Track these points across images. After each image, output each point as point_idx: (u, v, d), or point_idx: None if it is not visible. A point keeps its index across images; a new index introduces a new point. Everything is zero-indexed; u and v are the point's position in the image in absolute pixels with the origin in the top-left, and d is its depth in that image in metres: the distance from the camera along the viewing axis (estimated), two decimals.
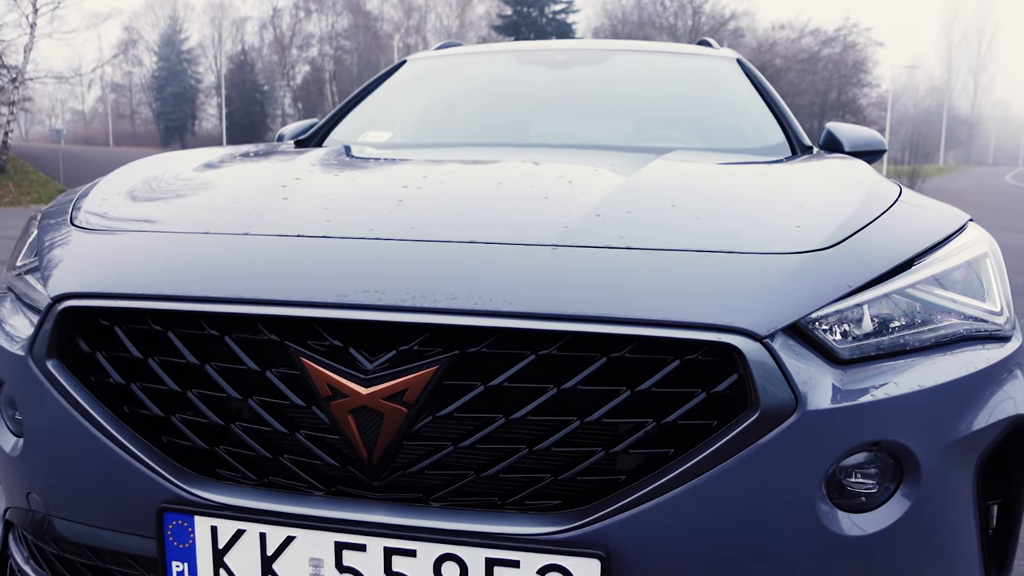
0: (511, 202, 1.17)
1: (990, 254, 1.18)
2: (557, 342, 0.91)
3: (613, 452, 0.90)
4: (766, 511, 0.88)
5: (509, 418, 0.91)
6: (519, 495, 0.93)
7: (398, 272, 0.95)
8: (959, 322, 1.06)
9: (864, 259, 1.01)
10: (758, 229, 1.06)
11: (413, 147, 2.10)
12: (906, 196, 1.28)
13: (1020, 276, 8.17)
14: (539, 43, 3.05)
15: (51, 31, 51.95)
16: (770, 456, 0.86)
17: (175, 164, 1.58)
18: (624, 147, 2.04)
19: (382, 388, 0.89)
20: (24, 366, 1.02)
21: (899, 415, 0.91)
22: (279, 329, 0.94)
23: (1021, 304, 7.60)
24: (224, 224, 1.09)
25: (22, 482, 1.09)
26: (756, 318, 0.89)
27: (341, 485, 0.96)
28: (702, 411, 0.90)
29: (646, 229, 1.04)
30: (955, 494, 0.97)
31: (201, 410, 0.97)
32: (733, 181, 1.41)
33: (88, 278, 1.03)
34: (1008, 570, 1.11)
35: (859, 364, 0.95)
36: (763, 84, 2.45)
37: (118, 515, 1.01)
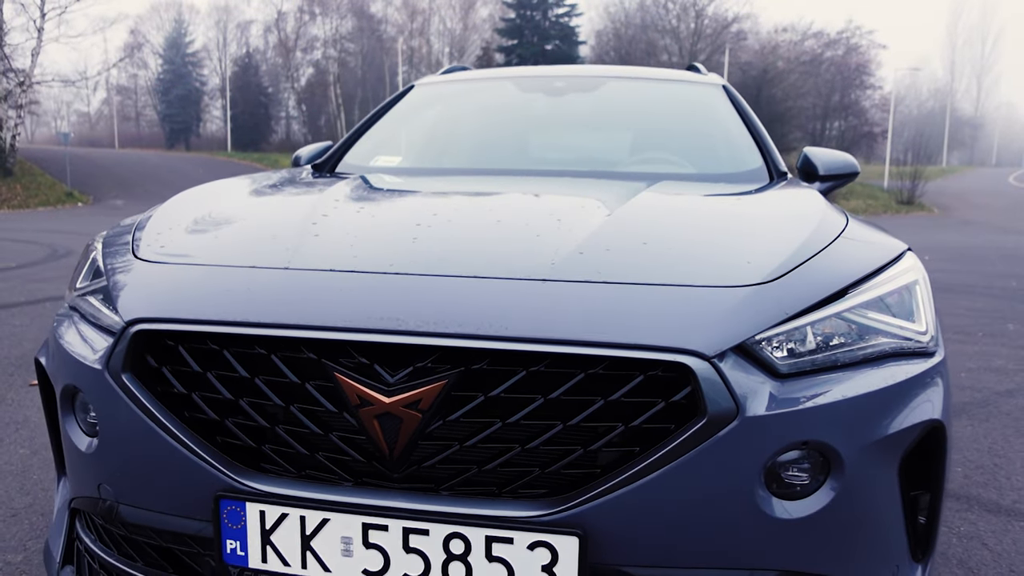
0: (508, 239, 1.34)
1: (920, 281, 1.37)
2: (544, 361, 1.08)
3: (590, 450, 1.08)
4: (713, 497, 1.05)
5: (505, 422, 1.08)
6: (513, 485, 1.10)
7: (414, 303, 1.12)
8: (888, 340, 1.24)
9: (802, 290, 1.18)
10: (715, 264, 1.23)
11: (422, 175, 2.28)
12: (850, 229, 1.46)
13: (1012, 279, 8.26)
14: (538, 69, 3.21)
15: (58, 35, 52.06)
16: (716, 453, 1.04)
17: (217, 197, 1.77)
18: (617, 174, 2.22)
19: (402, 398, 1.07)
20: (101, 378, 1.20)
21: (826, 420, 1.09)
22: (316, 349, 1.12)
23: (1022, 308, 7.64)
24: (267, 259, 1.27)
25: (94, 475, 1.28)
26: (706, 341, 1.07)
27: (367, 477, 1.13)
28: (662, 416, 1.07)
29: (620, 266, 1.22)
30: (879, 485, 1.15)
31: (250, 415, 1.16)
32: (703, 216, 1.57)
33: (156, 305, 1.21)
34: (930, 551, 1.29)
35: (796, 377, 1.13)
36: (746, 110, 2.63)
37: (179, 502, 1.19)
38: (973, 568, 2.11)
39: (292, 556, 1.12)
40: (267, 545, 1.12)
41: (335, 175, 2.28)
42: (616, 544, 1.06)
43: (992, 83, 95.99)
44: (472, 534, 1.07)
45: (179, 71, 61.18)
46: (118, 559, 1.30)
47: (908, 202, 35.04)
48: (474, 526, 1.07)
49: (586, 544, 1.05)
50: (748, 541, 1.08)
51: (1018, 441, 3.18)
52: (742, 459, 1.05)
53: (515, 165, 2.37)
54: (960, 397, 3.84)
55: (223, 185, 1.91)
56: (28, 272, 8.03)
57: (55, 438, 1.50)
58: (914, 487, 1.21)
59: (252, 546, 1.13)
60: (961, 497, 2.60)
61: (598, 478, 1.07)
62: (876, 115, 46.95)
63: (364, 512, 1.10)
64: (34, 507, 2.39)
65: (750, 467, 1.06)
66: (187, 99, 60.81)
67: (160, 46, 63.82)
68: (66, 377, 1.31)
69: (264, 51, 63.21)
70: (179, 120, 60.34)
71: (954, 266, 11.06)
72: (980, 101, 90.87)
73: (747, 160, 2.32)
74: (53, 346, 1.40)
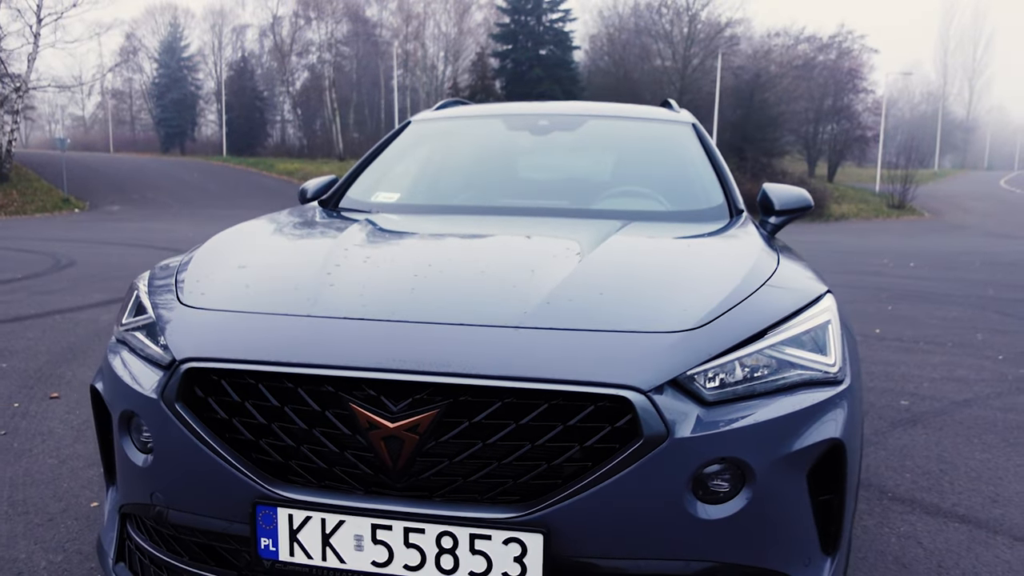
0: (489, 290, 1.61)
1: (833, 320, 1.63)
2: (515, 394, 1.34)
3: (552, 465, 1.34)
4: (650, 502, 1.31)
5: (485, 443, 1.34)
6: (491, 493, 1.36)
7: (412, 347, 1.38)
8: (801, 372, 1.51)
9: (727, 333, 1.45)
10: (657, 312, 1.50)
11: (418, 213, 2.55)
12: (777, 276, 1.72)
13: (990, 287, 8.44)
14: (525, 106, 3.47)
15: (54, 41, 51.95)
16: (651, 467, 1.30)
17: (244, 244, 2.04)
18: (595, 212, 2.50)
19: (403, 423, 1.34)
20: (157, 406, 1.46)
21: (742, 440, 1.35)
22: (334, 384, 1.37)
23: (1015, 310, 7.95)
24: (292, 307, 1.53)
25: (147, 485, 1.54)
26: (643, 378, 1.33)
27: (375, 486, 1.39)
28: (609, 438, 1.33)
29: (579, 314, 1.48)
30: (789, 492, 1.42)
31: (280, 436, 1.42)
32: (657, 266, 1.84)
33: (203, 347, 1.46)
34: (838, 545, 1.56)
35: (720, 405, 1.39)
36: (711, 148, 2.90)
37: (220, 507, 1.44)
38: (906, 564, 2.38)
39: (314, 550, 1.38)
40: (294, 542, 1.39)
41: (340, 213, 2.55)
42: (573, 540, 1.33)
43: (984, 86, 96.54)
44: (459, 532, 1.33)
45: (174, 75, 61.18)
46: (166, 554, 1.56)
47: (899, 206, 35.33)
48: (460, 526, 1.33)
49: (549, 539, 1.32)
50: (680, 537, 1.34)
51: (966, 449, 3.45)
52: (672, 472, 1.31)
53: (503, 203, 2.64)
54: (920, 407, 4.11)
55: (248, 230, 2.19)
56: (34, 284, 8.24)
57: (107, 453, 1.76)
58: (822, 492, 1.48)
59: (282, 543, 1.39)
60: (905, 500, 2.87)
61: (559, 487, 1.33)
62: (869, 119, 47.23)
63: (373, 515, 1.36)
64: (68, 512, 2.64)
65: (679, 478, 1.32)
66: (182, 103, 60.81)
67: (155, 50, 63.84)
68: (124, 404, 1.56)
69: (259, 55, 63.29)
70: (174, 124, 60.32)
71: (936, 273, 11.34)
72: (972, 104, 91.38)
73: (711, 197, 2.60)
74: (108, 376, 1.66)
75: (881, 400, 4.21)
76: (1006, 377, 4.82)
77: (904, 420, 3.86)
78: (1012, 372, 4.96)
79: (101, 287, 8.01)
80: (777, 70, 43.52)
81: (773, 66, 43.85)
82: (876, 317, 7.14)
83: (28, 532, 2.47)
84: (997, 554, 2.45)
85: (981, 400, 4.27)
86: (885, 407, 4.08)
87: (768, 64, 43.57)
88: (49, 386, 4.21)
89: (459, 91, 38.84)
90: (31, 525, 2.53)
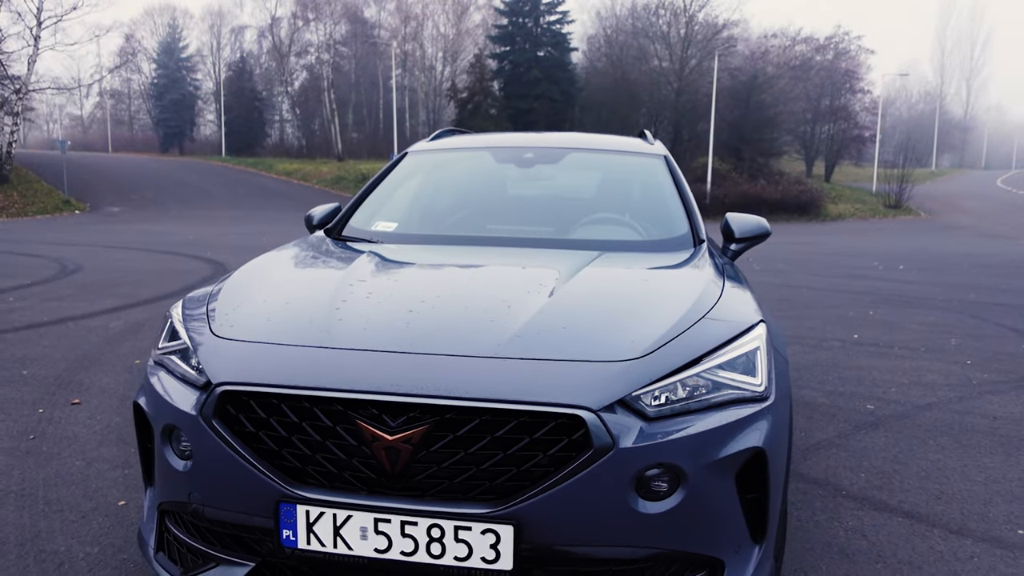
0: (471, 325, 1.89)
1: (761, 347, 1.92)
2: (490, 413, 1.62)
3: (520, 470, 1.62)
4: (600, 499, 1.59)
5: (466, 452, 1.62)
6: (472, 492, 1.64)
7: (406, 374, 1.67)
8: (731, 391, 1.79)
9: (667, 360, 1.73)
10: (609, 343, 1.77)
11: (413, 243, 2.84)
12: (716, 309, 2.01)
13: (973, 291, 8.68)
14: (512, 138, 3.76)
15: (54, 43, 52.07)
16: (600, 471, 1.58)
17: (265, 277, 2.33)
18: (572, 242, 2.78)
19: (399, 436, 1.62)
20: (196, 421, 1.74)
21: (676, 449, 1.63)
22: (343, 404, 1.65)
23: (992, 315, 8.27)
24: (308, 339, 1.82)
25: (184, 486, 1.82)
26: (594, 400, 1.61)
27: (377, 487, 1.66)
28: (567, 448, 1.61)
29: (544, 345, 1.76)
30: (719, 491, 1.70)
31: (298, 447, 1.70)
32: (617, 298, 2.11)
33: (235, 373, 1.74)
34: (766, 535, 1.84)
35: (660, 420, 1.67)
36: (679, 179, 3.20)
37: (248, 505, 1.71)
38: (849, 555, 2.66)
39: (327, 540, 1.67)
40: (311, 533, 1.67)
41: (344, 242, 2.85)
42: (538, 530, 1.61)
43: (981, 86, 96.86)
44: (445, 524, 1.62)
45: (173, 75, 61.31)
46: (201, 544, 1.85)
47: (895, 206, 35.53)
48: (446, 519, 1.62)
49: (519, 530, 1.60)
50: (626, 528, 1.63)
51: (921, 451, 3.74)
52: (618, 475, 1.60)
53: (491, 232, 2.92)
54: (884, 411, 4.40)
55: (267, 265, 2.50)
56: (43, 290, 8.52)
57: (146, 460, 2.05)
58: (749, 491, 1.77)
59: (300, 534, 1.68)
60: (857, 498, 3.15)
61: (526, 488, 1.62)
62: (866, 118, 47.41)
63: (375, 511, 1.64)
64: (98, 510, 2.92)
65: (623, 480, 1.61)
66: (181, 103, 60.94)
67: (154, 51, 64.01)
68: (166, 419, 1.85)
69: (258, 55, 63.44)
70: (173, 124, 60.47)
71: (923, 276, 11.57)
72: (970, 104, 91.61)
73: (677, 227, 2.89)
74: (150, 394, 1.94)
75: (849, 404, 4.50)
76: (971, 381, 5.10)
77: (867, 423, 4.15)
78: (977, 376, 5.24)
79: (109, 293, 8.29)
80: (774, 71, 43.75)
81: (770, 67, 44.09)
82: (856, 322, 7.40)
83: (64, 528, 2.76)
84: (932, 545, 2.74)
85: (943, 404, 4.55)
86: (851, 411, 4.37)
87: (765, 65, 43.80)
88: (70, 392, 4.49)
89: (457, 92, 39.08)
90: (67, 521, 2.81)
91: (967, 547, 2.73)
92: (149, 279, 9.55)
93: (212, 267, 11.04)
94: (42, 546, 2.62)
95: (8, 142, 30.59)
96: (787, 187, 33.03)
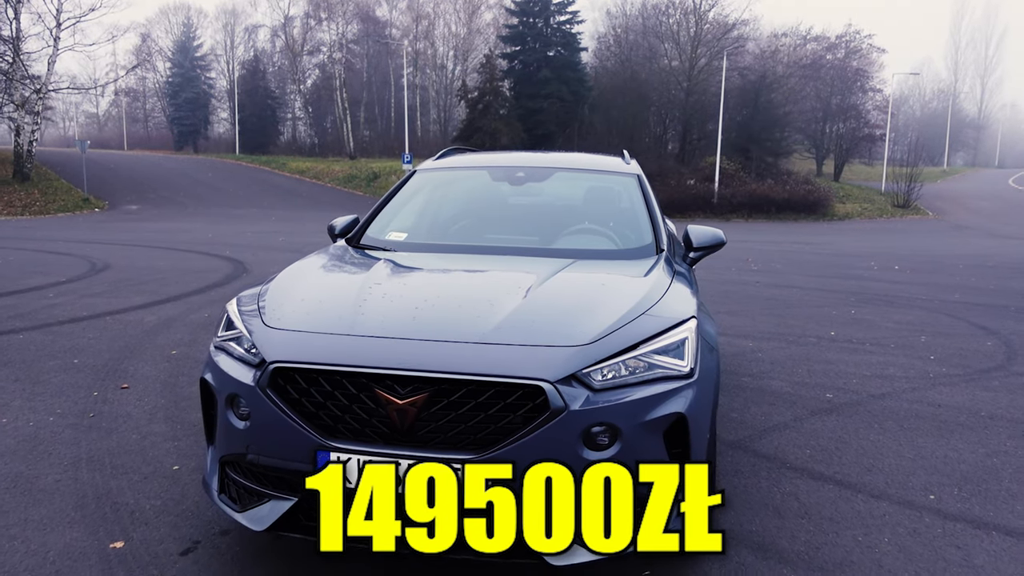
0: (463, 318, 2.41)
1: (689, 337, 2.45)
2: (474, 384, 2.14)
3: (496, 427, 2.14)
4: (556, 448, 2.10)
5: (456, 413, 2.15)
6: (461, 442, 2.15)
7: (413, 354, 2.20)
8: (663, 370, 2.32)
9: (611, 345, 2.25)
10: (568, 332, 2.29)
11: (420, 251, 3.39)
12: (657, 306, 2.53)
13: (959, 291, 9.07)
14: (507, 158, 4.34)
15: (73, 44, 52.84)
16: (555, 428, 2.10)
17: (302, 278, 2.88)
18: (553, 251, 3.31)
19: (407, 401, 2.16)
20: (254, 390, 2.28)
21: (614, 412, 2.15)
22: (366, 377, 2.18)
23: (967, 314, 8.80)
24: (339, 328, 2.36)
25: (243, 441, 2.36)
26: (551, 374, 2.13)
27: (389, 439, 2.18)
28: (531, 410, 2.13)
29: (518, 333, 2.28)
30: (650, 445, 2.23)
31: (331, 409, 2.24)
32: (579, 297, 2.62)
33: (283, 354, 2.28)
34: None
35: (604, 391, 2.19)
36: (649, 197, 3.74)
37: (293, 454, 2.24)
38: (781, 513, 3.19)
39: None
40: None
41: (363, 251, 3.41)
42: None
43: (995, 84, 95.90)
44: (446, 466, 2.17)
45: (187, 74, 62.03)
46: (254, 483, 2.41)
47: (904, 205, 35.58)
48: (445, 463, 2.15)
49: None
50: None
51: (864, 432, 4.25)
52: (569, 431, 2.12)
53: (486, 241, 3.48)
54: (841, 399, 4.90)
55: (303, 270, 3.06)
56: (78, 287, 9.13)
57: (209, 424, 2.60)
58: (674, 447, 2.31)
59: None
60: (799, 469, 3.68)
61: (501, 440, 2.15)
62: (877, 117, 47.35)
63: (388, 456, 2.19)
64: (156, 473, 3.49)
65: (573, 435, 2.13)
66: (195, 102, 61.66)
67: (169, 49, 64.89)
68: (229, 389, 2.40)
69: (271, 54, 64.15)
70: (187, 123, 61.21)
71: (916, 277, 11.93)
72: (983, 102, 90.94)
73: (643, 238, 3.44)
74: (215, 371, 2.49)
75: (810, 393, 5.01)
76: (928, 375, 5.59)
77: (823, 410, 4.66)
78: (935, 371, 5.72)
79: (138, 290, 8.89)
80: (784, 70, 43.90)
81: (780, 66, 44.25)
82: (837, 320, 7.87)
83: (131, 486, 3.33)
84: (853, 507, 3.26)
85: (896, 394, 5.05)
86: (811, 399, 4.88)
87: (775, 65, 43.96)
88: (118, 378, 5.07)
89: (468, 92, 39.51)
90: (132, 481, 3.38)
91: (883, 508, 3.25)
92: (174, 277, 10.14)
93: (232, 265, 11.62)
94: (115, 499, 3.19)
95: (29, 141, 31.37)
96: (795, 187, 33.24)
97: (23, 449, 3.74)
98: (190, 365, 5.42)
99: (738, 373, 5.50)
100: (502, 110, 38.25)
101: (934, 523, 3.10)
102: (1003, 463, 3.80)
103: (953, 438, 4.16)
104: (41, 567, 2.63)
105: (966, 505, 3.28)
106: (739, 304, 8.82)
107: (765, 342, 6.64)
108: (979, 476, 3.61)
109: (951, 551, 2.87)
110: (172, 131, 63.50)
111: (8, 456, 3.64)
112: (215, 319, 7.22)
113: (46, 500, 3.16)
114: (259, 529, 2.32)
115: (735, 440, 4.04)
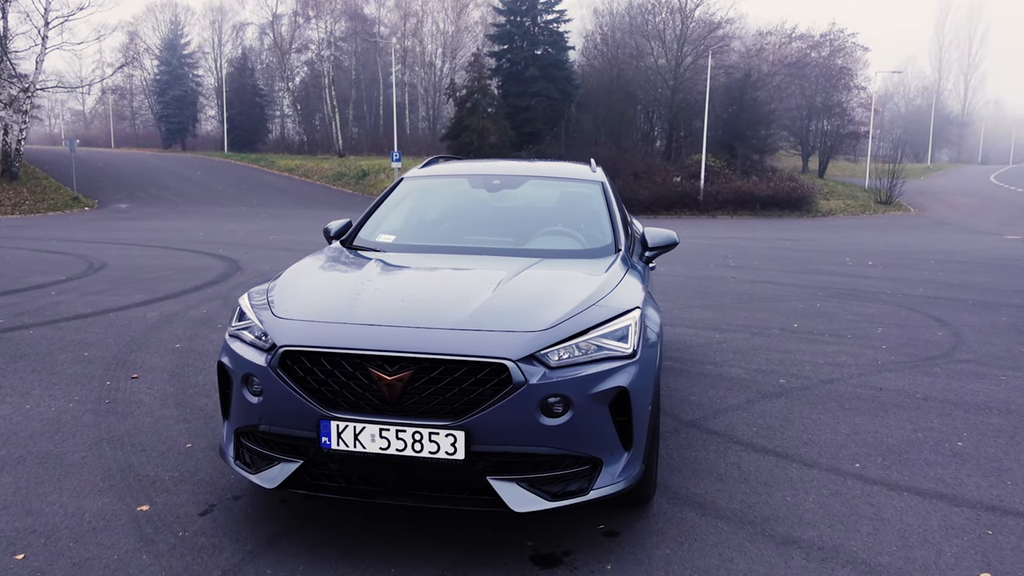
0: (441, 308, 2.82)
1: (633, 324, 2.89)
2: (450, 363, 2.57)
3: (468, 399, 2.56)
4: (518, 416, 2.52)
5: (435, 387, 2.58)
6: (439, 412, 2.56)
7: (399, 338, 2.62)
8: (609, 351, 2.75)
9: (565, 330, 2.68)
10: (529, 320, 2.71)
11: (407, 251, 3.82)
12: (608, 298, 2.96)
13: (922, 286, 9.51)
14: (484, 167, 4.80)
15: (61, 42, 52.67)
16: (517, 399, 2.52)
17: (305, 276, 3.31)
18: (523, 251, 3.76)
19: (395, 377, 2.58)
20: (266, 371, 2.69)
21: (567, 385, 2.57)
22: (360, 358, 2.60)
23: (926, 307, 9.34)
24: (337, 317, 2.77)
25: (256, 414, 2.79)
26: (514, 354, 2.55)
27: (380, 410, 2.59)
28: (497, 384, 2.55)
29: (489, 321, 2.69)
30: (597, 414, 2.66)
31: (331, 385, 2.67)
32: (542, 290, 3.03)
33: (291, 339, 2.68)
34: (631, 445, 2.82)
35: (558, 368, 2.62)
36: (611, 202, 4.19)
37: (298, 423, 2.65)
38: (723, 478, 3.64)
39: (349, 442, 2.62)
40: (339, 438, 2.64)
41: (356, 251, 3.85)
42: (480, 435, 2.56)
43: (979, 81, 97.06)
44: (423, 431, 2.57)
45: (175, 72, 61.81)
46: (265, 449, 2.84)
47: (886, 202, 36.16)
48: (424, 428, 2.56)
49: (469, 435, 2.56)
50: (535, 435, 2.58)
51: (809, 412, 4.71)
52: (529, 401, 2.55)
53: (466, 242, 3.92)
54: (792, 384, 5.35)
55: (305, 268, 3.48)
56: (79, 285, 9.48)
57: (225, 401, 3.03)
58: (619, 416, 2.75)
59: (333, 439, 2.63)
60: (744, 443, 4.14)
61: (472, 409, 2.57)
62: (862, 114, 47.87)
63: (379, 424, 2.60)
64: (172, 451, 3.90)
65: (532, 404, 2.56)
66: (183, 99, 61.46)
67: (156, 47, 64.67)
68: (244, 370, 2.82)
69: (259, 52, 64.11)
70: (175, 120, 60.97)
71: (886, 272, 12.39)
72: (967, 99, 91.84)
73: (604, 238, 3.89)
74: (231, 355, 2.91)
75: (764, 379, 5.47)
76: (876, 362, 6.06)
77: (774, 393, 5.12)
78: (884, 359, 6.19)
79: (138, 288, 9.25)
80: (769, 68, 44.44)
81: (765, 64, 44.79)
82: (802, 313, 8.33)
83: (150, 461, 3.75)
84: (787, 473, 3.72)
85: (843, 379, 5.51)
86: (765, 384, 5.34)
87: (760, 63, 44.48)
88: (128, 369, 5.47)
89: (456, 90, 39.83)
90: (150, 457, 3.80)
91: (812, 474, 3.71)
92: (171, 275, 10.50)
93: (226, 264, 11.98)
94: (137, 471, 3.61)
95: (17, 139, 31.43)
96: (779, 184, 33.75)
97: (48, 431, 4.14)
98: (194, 357, 5.83)
99: (702, 362, 5.96)
100: (490, 108, 38.58)
101: (855, 486, 3.57)
102: (926, 437, 4.27)
103: (887, 417, 4.63)
104: (79, 526, 3.04)
105: (886, 472, 3.75)
106: (713, 299, 9.29)
107: (731, 334, 7.10)
108: (902, 448, 4.08)
109: (865, 507, 3.33)
110: (160, 129, 63.26)
111: (36, 436, 4.05)
112: (214, 315, 7.62)
113: (75, 472, 3.58)
114: (270, 487, 2.75)
115: (691, 420, 4.50)
